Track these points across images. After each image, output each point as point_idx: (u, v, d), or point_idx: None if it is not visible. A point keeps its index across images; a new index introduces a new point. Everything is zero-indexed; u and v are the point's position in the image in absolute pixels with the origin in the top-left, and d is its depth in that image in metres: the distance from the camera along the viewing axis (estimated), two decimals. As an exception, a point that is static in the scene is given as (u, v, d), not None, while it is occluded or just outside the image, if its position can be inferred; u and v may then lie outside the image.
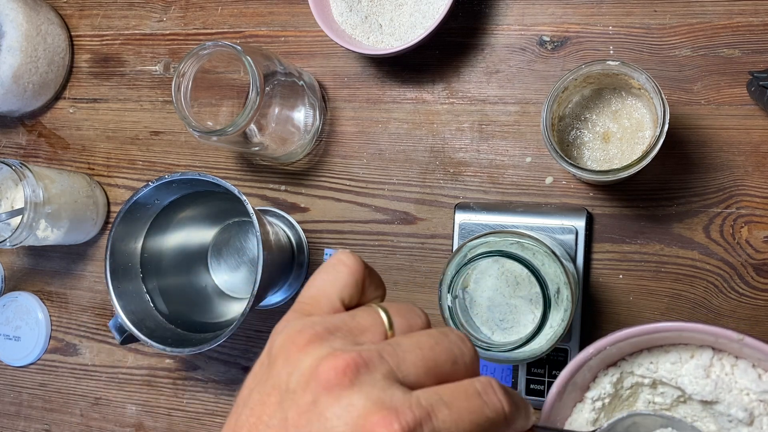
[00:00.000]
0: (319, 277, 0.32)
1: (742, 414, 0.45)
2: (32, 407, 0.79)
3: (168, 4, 0.75)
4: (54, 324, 0.78)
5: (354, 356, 0.27)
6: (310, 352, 0.27)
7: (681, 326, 0.45)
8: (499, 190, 0.64)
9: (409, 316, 0.31)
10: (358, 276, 0.32)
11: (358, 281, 0.32)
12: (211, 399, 0.72)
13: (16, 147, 0.80)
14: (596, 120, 0.57)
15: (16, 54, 0.72)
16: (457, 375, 0.29)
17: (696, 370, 0.46)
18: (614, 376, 0.49)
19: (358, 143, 0.68)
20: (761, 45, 0.57)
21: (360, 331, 0.29)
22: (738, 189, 0.58)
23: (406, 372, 0.28)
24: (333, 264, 0.32)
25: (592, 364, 0.48)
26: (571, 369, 0.47)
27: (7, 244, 0.66)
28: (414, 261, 0.66)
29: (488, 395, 0.28)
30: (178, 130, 0.74)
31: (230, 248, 0.72)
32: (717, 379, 0.46)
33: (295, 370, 0.27)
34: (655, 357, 0.48)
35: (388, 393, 0.26)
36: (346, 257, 0.32)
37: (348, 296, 0.31)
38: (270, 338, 0.30)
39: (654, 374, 0.48)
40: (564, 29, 0.62)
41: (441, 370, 0.28)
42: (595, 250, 0.61)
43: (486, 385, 0.28)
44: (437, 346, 0.29)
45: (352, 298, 0.32)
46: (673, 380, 0.47)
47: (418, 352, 0.28)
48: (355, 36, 0.65)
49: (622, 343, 0.47)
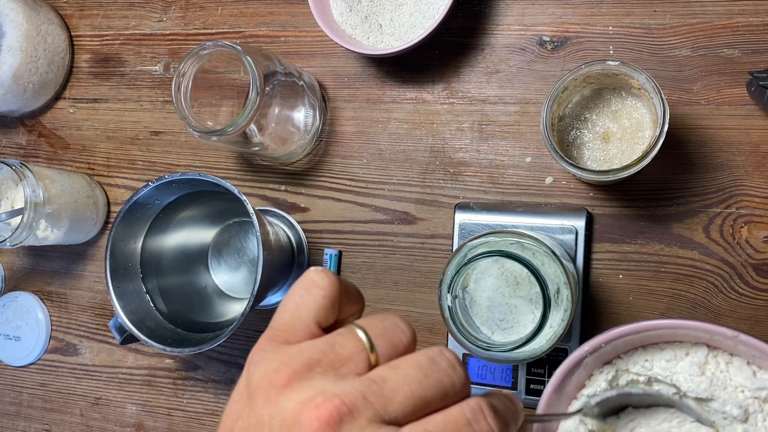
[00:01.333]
0: (291, 300, 0.30)
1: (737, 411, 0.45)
2: (32, 407, 0.79)
3: (168, 4, 0.75)
4: (54, 324, 0.78)
5: (337, 404, 0.26)
6: (290, 395, 0.27)
7: (676, 323, 0.45)
8: (499, 190, 0.64)
9: (391, 334, 0.29)
10: (333, 297, 0.30)
11: (334, 302, 0.30)
12: (211, 399, 0.72)
13: (16, 147, 0.80)
14: (596, 120, 0.57)
15: (16, 54, 0.72)
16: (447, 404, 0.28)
17: (691, 368, 0.46)
18: (609, 374, 0.49)
19: (358, 143, 0.68)
20: (761, 45, 0.57)
21: (341, 362, 0.28)
22: (738, 189, 0.58)
23: (393, 413, 0.27)
24: (306, 286, 0.30)
25: (588, 362, 0.48)
26: (567, 367, 0.47)
27: (7, 244, 0.66)
28: (414, 261, 0.66)
29: (478, 423, 0.27)
30: (178, 130, 0.74)
31: (230, 248, 0.72)
32: (712, 377, 0.46)
33: (277, 414, 0.26)
34: (650, 355, 0.48)
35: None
36: (320, 278, 0.30)
37: (324, 318, 0.30)
38: (246, 366, 0.29)
39: (649, 372, 0.48)
40: (564, 29, 0.62)
41: (431, 404, 0.27)
42: (595, 250, 0.61)
43: (476, 411, 0.27)
44: (426, 380, 0.27)
45: (327, 319, 0.30)
46: (668, 378, 0.47)
47: (406, 389, 0.27)
48: (355, 36, 0.65)
49: (617, 341, 0.47)
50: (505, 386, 0.60)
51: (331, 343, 0.28)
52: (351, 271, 0.67)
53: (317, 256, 0.69)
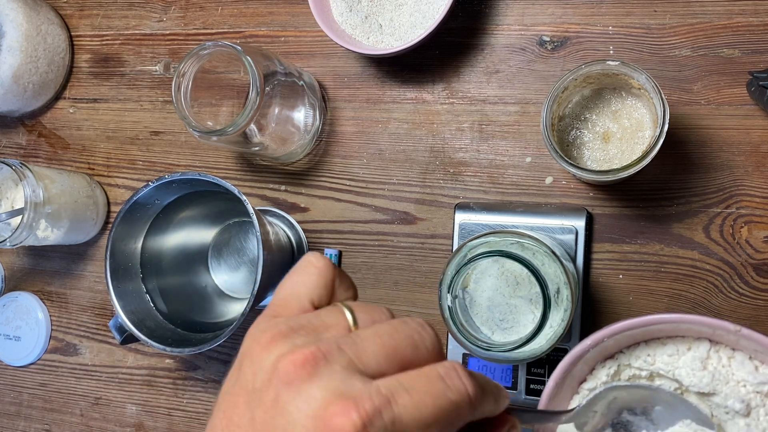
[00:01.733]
0: (290, 279, 0.32)
1: (739, 405, 0.45)
2: (32, 407, 0.79)
3: (168, 4, 0.75)
4: (54, 324, 0.78)
5: (313, 350, 0.27)
6: (272, 350, 0.28)
7: (678, 318, 0.45)
8: (499, 190, 0.64)
9: (374, 313, 0.31)
10: (327, 277, 0.32)
11: (328, 283, 0.32)
12: (211, 399, 0.72)
13: (16, 147, 0.80)
14: (596, 120, 0.57)
15: (16, 54, 0.72)
16: (420, 361, 0.29)
17: (693, 362, 0.46)
18: (611, 369, 0.49)
19: (358, 143, 0.68)
20: (761, 45, 0.57)
21: (324, 328, 0.29)
22: (738, 189, 0.58)
23: (366, 362, 0.28)
24: (303, 266, 0.32)
25: (590, 357, 0.48)
26: (569, 361, 0.47)
27: (7, 244, 0.66)
28: (414, 261, 0.66)
29: (451, 379, 0.28)
30: (178, 130, 0.74)
31: (230, 248, 0.72)
32: (714, 371, 0.46)
33: (259, 370, 0.28)
34: (653, 349, 0.48)
35: (348, 383, 0.27)
36: (316, 259, 0.32)
37: (318, 297, 0.32)
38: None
39: (651, 366, 0.48)
40: (564, 29, 0.62)
41: (402, 356, 0.29)
42: (595, 250, 0.61)
43: (449, 369, 0.29)
44: (396, 334, 0.29)
45: (321, 299, 0.32)
46: (670, 372, 0.47)
47: (377, 340, 0.29)
48: (355, 36, 0.65)
49: (619, 335, 0.47)
50: (505, 386, 0.60)
51: (317, 314, 0.30)
52: (351, 271, 0.67)
53: (317, 256, 0.69)
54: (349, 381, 0.27)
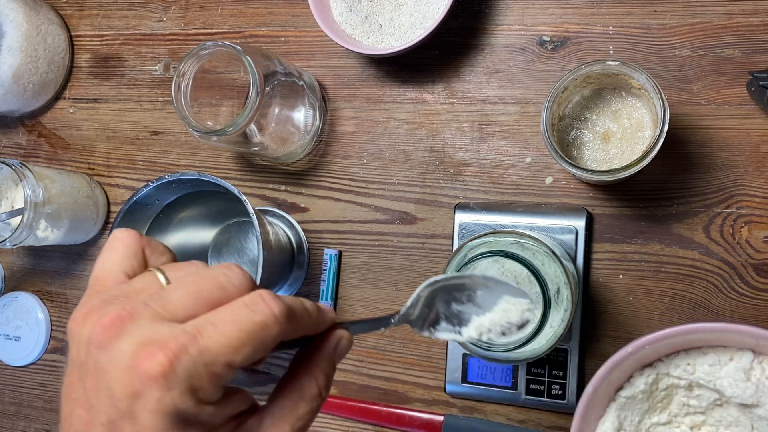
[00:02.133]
0: (100, 258, 0.34)
1: None
2: (32, 407, 0.79)
3: (168, 4, 0.75)
4: (54, 324, 0.78)
5: (118, 311, 0.29)
6: (87, 323, 0.29)
7: (721, 327, 0.44)
8: (499, 190, 0.64)
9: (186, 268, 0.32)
10: (134, 247, 0.34)
11: (137, 252, 0.34)
12: (211, 399, 0.72)
13: (16, 147, 0.80)
14: (596, 120, 0.57)
15: (16, 54, 0.72)
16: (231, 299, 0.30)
17: (736, 373, 0.45)
18: (650, 377, 0.48)
19: (358, 143, 0.68)
20: (761, 45, 0.57)
21: (135, 293, 0.31)
22: (738, 189, 0.58)
23: (172, 309, 0.29)
24: (109, 243, 0.34)
25: (628, 364, 0.47)
26: (608, 368, 0.46)
27: (7, 244, 0.66)
28: (414, 261, 0.66)
29: (255, 304, 0.29)
30: (178, 130, 0.74)
31: (230, 248, 0.72)
32: (758, 383, 0.45)
33: (80, 344, 0.30)
34: (693, 358, 0.47)
35: (153, 331, 0.28)
36: (120, 233, 0.34)
37: (130, 268, 0.33)
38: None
39: (691, 376, 0.47)
40: (564, 29, 0.62)
41: (208, 298, 0.30)
42: (595, 250, 0.61)
43: (254, 296, 0.30)
44: (201, 280, 0.30)
45: (134, 268, 0.33)
46: (711, 383, 0.46)
47: (181, 288, 0.30)
48: (355, 36, 0.65)
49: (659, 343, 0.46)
50: (505, 386, 0.60)
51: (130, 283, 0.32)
52: (351, 271, 0.67)
53: (317, 256, 0.69)
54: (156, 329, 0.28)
